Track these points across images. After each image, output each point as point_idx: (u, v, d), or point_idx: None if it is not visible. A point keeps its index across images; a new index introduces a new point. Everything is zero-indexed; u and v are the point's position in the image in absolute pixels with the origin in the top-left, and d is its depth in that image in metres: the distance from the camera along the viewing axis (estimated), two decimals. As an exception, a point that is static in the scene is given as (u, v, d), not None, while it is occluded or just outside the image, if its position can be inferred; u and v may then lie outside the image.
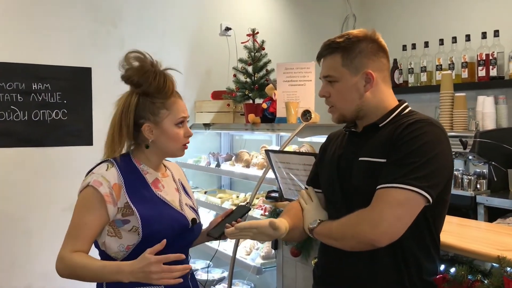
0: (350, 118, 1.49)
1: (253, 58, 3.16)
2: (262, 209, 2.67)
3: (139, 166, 1.59)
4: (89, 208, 1.48)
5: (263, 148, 3.03)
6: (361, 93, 1.43)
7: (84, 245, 1.48)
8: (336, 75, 1.44)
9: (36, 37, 3.10)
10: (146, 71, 1.54)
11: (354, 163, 1.45)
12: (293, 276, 2.37)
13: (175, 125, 1.56)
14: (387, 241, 1.30)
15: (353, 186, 1.44)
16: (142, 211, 1.48)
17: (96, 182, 1.48)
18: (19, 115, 3.03)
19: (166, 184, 1.62)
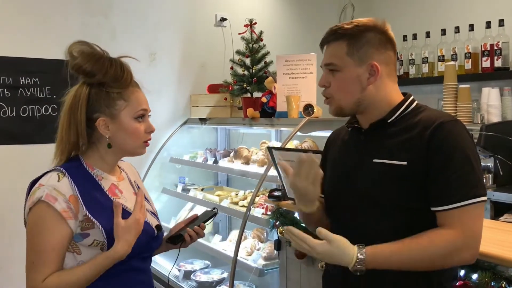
0: (349, 112, 1.38)
1: (251, 49, 3.04)
2: (263, 208, 2.57)
3: (92, 171, 1.38)
4: (47, 229, 1.28)
5: (263, 144, 2.92)
6: (363, 86, 1.33)
7: (54, 269, 1.28)
8: (339, 64, 1.33)
9: (23, 29, 2.96)
10: (99, 58, 1.35)
11: (365, 164, 1.35)
12: (297, 279, 2.28)
13: (134, 119, 1.37)
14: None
15: (364, 189, 1.34)
16: (104, 223, 1.30)
17: (49, 197, 1.28)
18: (6, 111, 2.90)
19: (123, 189, 1.44)
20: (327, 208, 1.49)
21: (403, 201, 1.27)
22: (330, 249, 1.21)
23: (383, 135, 1.34)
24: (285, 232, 1.31)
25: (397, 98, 1.38)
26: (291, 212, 2.26)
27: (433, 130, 1.25)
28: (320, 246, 1.22)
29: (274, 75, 2.86)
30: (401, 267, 1.23)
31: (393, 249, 1.22)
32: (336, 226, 1.42)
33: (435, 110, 1.35)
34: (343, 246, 1.22)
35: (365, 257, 1.20)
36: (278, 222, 2.28)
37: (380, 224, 1.30)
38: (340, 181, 1.42)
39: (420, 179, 1.25)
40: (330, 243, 1.21)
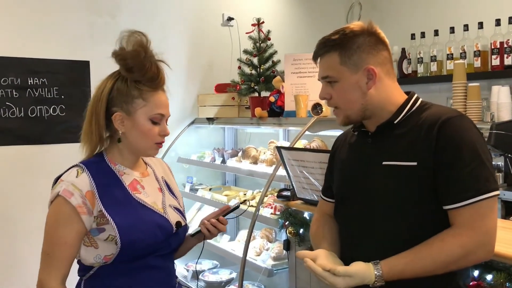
0: (356, 119, 1.36)
1: (259, 49, 3.03)
2: (272, 208, 2.56)
3: (114, 166, 1.42)
4: (64, 223, 1.32)
5: (271, 144, 2.91)
6: (364, 91, 1.31)
7: (68, 267, 1.34)
8: (335, 75, 1.32)
9: (31, 30, 2.96)
10: (144, 57, 1.39)
11: (374, 167, 1.33)
12: (307, 279, 2.27)
13: (149, 120, 1.39)
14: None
15: (375, 192, 1.32)
16: (118, 219, 1.33)
17: (66, 192, 1.32)
18: (15, 112, 2.90)
19: (146, 185, 1.46)
20: (336, 210, 1.48)
21: (415, 201, 1.26)
22: (351, 282, 1.22)
23: (390, 136, 1.33)
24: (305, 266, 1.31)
25: (400, 98, 1.36)
26: (300, 212, 2.25)
27: (440, 127, 1.23)
28: (341, 283, 1.22)
29: (282, 74, 2.84)
30: (418, 276, 1.22)
31: (407, 261, 1.22)
32: (345, 229, 1.40)
33: (440, 106, 1.33)
34: (362, 273, 1.22)
35: (382, 273, 1.21)
36: (287, 222, 2.26)
37: (392, 226, 1.29)
38: (349, 185, 1.41)
39: (431, 178, 1.23)
40: (350, 277, 1.22)
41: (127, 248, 1.33)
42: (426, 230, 1.24)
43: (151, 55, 1.41)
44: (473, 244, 1.19)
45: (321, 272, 1.25)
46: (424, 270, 1.21)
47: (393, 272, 1.21)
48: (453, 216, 1.22)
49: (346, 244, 1.38)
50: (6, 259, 2.89)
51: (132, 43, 1.40)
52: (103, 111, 1.39)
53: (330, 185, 1.54)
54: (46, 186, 2.96)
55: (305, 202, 2.20)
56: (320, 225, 1.53)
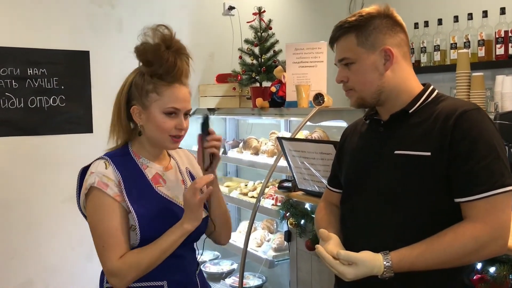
0: (370, 102, 1.35)
1: (260, 38, 2.99)
2: (273, 199, 2.54)
3: (138, 159, 1.47)
4: (108, 213, 1.37)
5: (272, 134, 2.88)
6: (381, 72, 1.31)
7: (126, 248, 1.37)
8: (352, 56, 1.32)
9: (30, 20, 2.93)
10: (163, 51, 1.39)
11: (386, 156, 1.32)
12: (308, 270, 2.26)
13: (162, 113, 1.40)
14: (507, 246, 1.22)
15: (385, 181, 1.31)
16: (139, 210, 1.37)
17: (101, 183, 1.38)
18: (14, 102, 2.88)
19: (169, 178, 1.49)
20: (344, 200, 1.46)
21: (427, 192, 1.24)
22: (359, 271, 1.20)
23: (404, 126, 1.31)
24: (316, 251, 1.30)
25: (417, 87, 1.35)
26: (301, 203, 2.23)
27: (456, 119, 1.22)
28: (349, 273, 1.21)
29: (284, 64, 2.81)
30: (429, 268, 1.21)
31: (418, 252, 1.20)
32: (353, 219, 1.39)
33: (456, 99, 1.33)
34: (370, 262, 1.20)
35: (392, 264, 1.19)
36: (288, 213, 2.25)
37: (402, 217, 1.27)
38: (359, 174, 1.39)
39: (444, 170, 1.22)
40: (357, 265, 1.20)
41: (146, 238, 1.37)
42: (437, 222, 1.22)
43: (176, 48, 1.41)
44: (486, 237, 1.17)
45: (331, 260, 1.24)
46: (435, 262, 1.19)
47: (403, 263, 1.20)
48: (467, 209, 1.20)
49: (353, 235, 1.37)
50: (6, 250, 2.89)
51: (156, 37, 1.41)
52: (124, 104, 1.45)
53: (337, 175, 1.53)
54: (46, 177, 2.97)
55: (306, 193, 2.19)
56: (326, 213, 1.52)
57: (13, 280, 2.91)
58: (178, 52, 1.41)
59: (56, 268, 3.02)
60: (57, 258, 3.02)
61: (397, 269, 1.20)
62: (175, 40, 1.42)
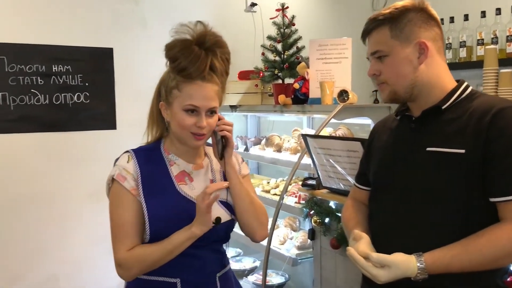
0: (403, 96, 1.32)
1: (283, 34, 2.96)
2: (296, 196, 2.52)
3: (167, 155, 1.47)
4: (122, 205, 1.40)
5: (295, 132, 2.86)
6: (415, 66, 1.28)
7: (136, 241, 1.39)
8: (385, 49, 1.29)
9: (55, 17, 2.96)
10: (190, 46, 1.37)
11: (417, 153, 1.29)
12: (332, 269, 2.24)
13: (182, 111, 1.39)
14: None
15: (416, 180, 1.28)
16: (151, 207, 1.38)
17: (120, 176, 1.41)
18: (40, 99, 2.92)
19: (196, 177, 1.47)
20: (372, 198, 1.44)
21: (460, 191, 1.21)
22: (392, 273, 1.18)
23: (436, 122, 1.28)
24: (347, 253, 1.28)
25: (450, 83, 1.32)
26: (325, 201, 2.21)
27: (492, 116, 1.18)
28: (382, 275, 1.18)
29: (307, 60, 2.78)
30: (463, 270, 1.17)
31: (453, 254, 1.16)
32: (381, 217, 1.36)
33: (491, 96, 1.29)
34: (403, 264, 1.17)
35: (425, 265, 1.16)
36: (312, 211, 2.23)
37: (433, 217, 1.24)
38: (389, 171, 1.36)
39: (479, 168, 1.18)
40: (389, 268, 1.17)
41: (156, 235, 1.37)
42: (470, 222, 1.19)
43: (210, 44, 1.38)
44: None
45: (363, 263, 1.21)
46: (471, 264, 1.16)
47: (438, 265, 1.16)
48: (503, 210, 1.17)
49: (381, 233, 1.34)
50: (31, 245, 2.93)
51: (188, 33, 1.40)
52: (155, 100, 1.48)
53: (365, 172, 1.50)
54: (71, 172, 3.00)
55: (331, 191, 2.16)
56: (354, 211, 1.49)
57: (38, 275, 2.95)
58: (211, 48, 1.39)
59: (79, 263, 3.05)
60: (81, 253, 3.05)
61: (431, 271, 1.17)
62: (209, 36, 1.39)
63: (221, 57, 1.42)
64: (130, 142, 1.55)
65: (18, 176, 2.89)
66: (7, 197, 2.86)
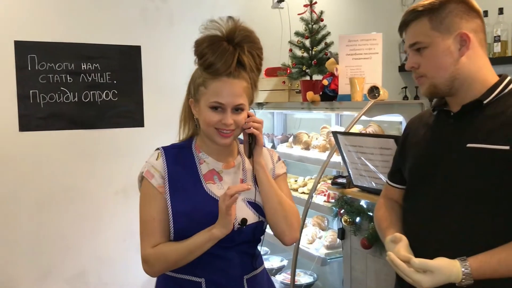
0: (443, 90, 1.27)
1: (311, 30, 2.92)
2: (325, 195, 2.48)
3: (197, 154, 1.45)
4: (149, 202, 1.40)
5: (323, 129, 2.81)
6: (455, 58, 1.23)
7: (161, 238, 1.38)
8: (425, 40, 1.25)
9: (83, 16, 2.98)
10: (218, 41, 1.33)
11: (456, 150, 1.23)
12: (363, 269, 2.19)
13: (208, 108, 1.36)
14: None
15: (456, 178, 1.22)
16: (176, 205, 1.37)
17: (148, 173, 1.41)
18: (69, 97, 2.95)
19: (226, 176, 1.44)
20: (407, 197, 1.39)
21: (504, 189, 1.14)
22: (436, 279, 1.13)
23: (477, 117, 1.22)
24: (388, 259, 1.23)
25: (492, 77, 1.26)
26: (356, 200, 2.16)
27: None
28: (426, 281, 1.13)
29: (336, 56, 2.73)
30: (511, 275, 1.12)
31: (499, 258, 1.11)
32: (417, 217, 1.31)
33: None
34: (447, 269, 1.13)
35: (471, 270, 1.11)
36: (342, 210, 2.18)
37: (474, 217, 1.18)
38: (425, 168, 1.31)
39: None
40: (432, 273, 1.13)
41: (180, 233, 1.36)
42: None
43: (239, 39, 1.34)
44: None
45: (405, 268, 1.16)
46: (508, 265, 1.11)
47: (483, 270, 1.11)
48: None
49: (417, 235, 1.28)
50: (60, 241, 2.96)
51: (217, 29, 1.36)
52: (187, 97, 1.46)
53: (399, 170, 1.46)
54: (99, 169, 3.03)
55: (362, 189, 2.11)
56: (387, 210, 1.45)
57: (67, 271, 2.99)
58: (239, 43, 1.35)
59: (108, 259, 3.07)
60: (110, 249, 3.07)
61: (476, 276, 1.11)
62: (239, 31, 1.35)
63: (250, 52, 1.37)
64: (157, 139, 1.54)
65: (48, 173, 2.93)
66: (38, 194, 2.90)
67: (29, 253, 2.88)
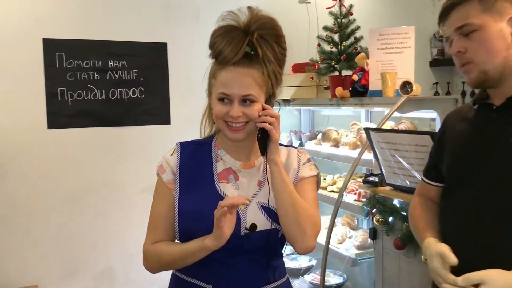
0: (493, 77, 1.18)
1: (340, 25, 2.84)
2: (355, 194, 2.41)
3: (216, 151, 1.37)
4: (159, 197, 1.36)
5: (353, 126, 2.74)
6: (508, 43, 1.15)
7: (164, 235, 1.34)
8: (475, 22, 1.17)
9: (110, 13, 2.99)
10: (231, 31, 1.25)
11: (500, 146, 1.16)
12: (395, 270, 2.11)
13: (217, 100, 1.27)
14: None
15: (499, 175, 1.15)
16: (184, 203, 1.30)
17: (161, 168, 1.37)
18: (96, 94, 2.95)
19: (243, 176, 1.33)
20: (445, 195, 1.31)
21: None
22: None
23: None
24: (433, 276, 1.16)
25: None
26: (389, 199, 2.09)
27: None
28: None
29: (366, 50, 2.65)
30: None
31: None
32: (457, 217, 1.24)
33: None
34: (504, 281, 1.05)
35: None
36: (374, 210, 2.11)
37: None
38: (466, 165, 1.24)
39: None
40: (487, 285, 1.04)
41: (184, 232, 1.29)
42: None
43: (255, 28, 1.26)
44: None
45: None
46: None
47: None
48: None
49: (457, 237, 1.21)
50: (87, 238, 2.97)
51: (233, 19, 1.29)
52: (207, 90, 1.36)
53: (435, 166, 1.38)
54: (126, 166, 3.03)
55: (395, 188, 2.04)
56: (422, 210, 1.37)
57: (94, 268, 3.00)
58: (253, 31, 1.25)
59: (136, 256, 3.06)
60: (137, 247, 3.05)
61: None
62: (256, 20, 1.27)
63: (265, 39, 1.26)
64: (184, 136, 1.49)
65: (75, 170, 2.94)
66: (65, 191, 2.92)
67: (56, 249, 2.90)
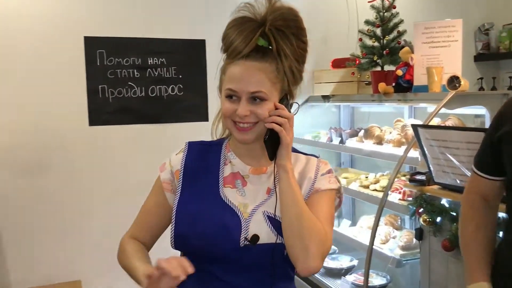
0: None
1: (382, 18, 2.76)
2: (400, 193, 2.33)
3: (226, 153, 1.26)
4: (151, 193, 1.31)
5: (397, 122, 2.66)
6: None
7: (141, 232, 1.30)
8: None
9: (149, 11, 3.00)
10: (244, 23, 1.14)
11: None
12: (443, 272, 2.03)
13: (225, 97, 1.16)
14: None
15: None
16: (183, 205, 1.19)
17: (162, 166, 1.29)
18: (136, 91, 2.97)
19: (252, 182, 1.21)
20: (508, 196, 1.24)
21: None
22: None
23: None
24: None
25: None
26: (437, 198, 2.01)
27: None
28: None
29: (411, 45, 2.56)
30: None
31: None
32: None
33: None
34: None
35: None
36: (421, 209, 2.03)
37: None
38: None
39: None
40: None
41: (179, 241, 1.18)
42: None
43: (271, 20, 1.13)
44: None
45: None
46: None
47: None
48: None
49: None
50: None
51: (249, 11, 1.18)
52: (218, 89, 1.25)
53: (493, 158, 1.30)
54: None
55: (444, 187, 1.95)
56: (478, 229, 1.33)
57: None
58: (268, 23, 1.13)
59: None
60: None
61: None
62: (273, 11, 1.14)
63: (282, 31, 1.14)
64: (221, 133, 1.45)
65: (116, 167, 2.97)
66: (107, 187, 2.96)
67: (98, 246, 2.93)
